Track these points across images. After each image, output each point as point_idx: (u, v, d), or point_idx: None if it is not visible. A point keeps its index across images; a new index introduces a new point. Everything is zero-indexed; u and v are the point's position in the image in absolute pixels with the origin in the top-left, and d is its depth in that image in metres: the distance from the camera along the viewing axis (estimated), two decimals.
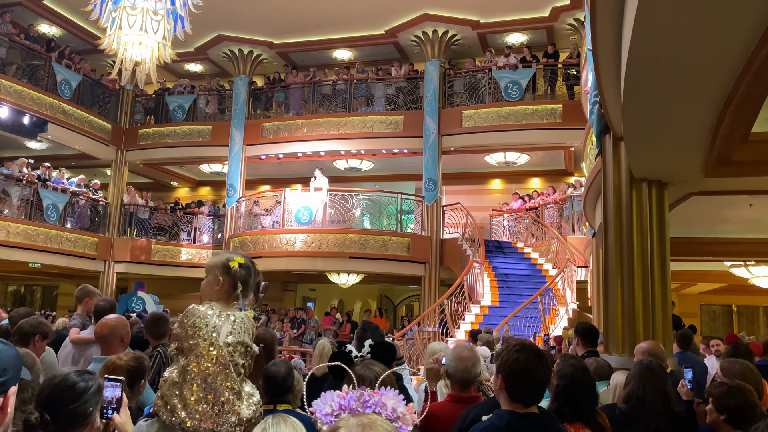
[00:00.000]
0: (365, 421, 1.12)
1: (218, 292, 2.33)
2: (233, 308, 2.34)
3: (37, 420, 1.74)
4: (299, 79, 16.41)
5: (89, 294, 5.17)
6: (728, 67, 3.23)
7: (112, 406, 1.96)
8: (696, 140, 4.37)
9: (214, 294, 2.34)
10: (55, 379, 1.83)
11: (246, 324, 2.30)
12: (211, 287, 2.35)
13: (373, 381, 1.96)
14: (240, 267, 2.35)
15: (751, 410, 2.81)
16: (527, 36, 15.28)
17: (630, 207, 5.31)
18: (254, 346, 2.32)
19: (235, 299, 2.35)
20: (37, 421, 1.74)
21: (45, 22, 15.76)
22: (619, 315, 5.19)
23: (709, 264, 11.67)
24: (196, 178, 20.04)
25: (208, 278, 2.37)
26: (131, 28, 9.41)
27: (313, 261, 14.10)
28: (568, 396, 2.72)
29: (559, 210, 14.37)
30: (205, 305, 2.29)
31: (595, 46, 3.94)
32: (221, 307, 2.30)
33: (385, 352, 2.29)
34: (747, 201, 6.86)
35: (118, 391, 2.00)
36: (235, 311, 2.32)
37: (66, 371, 1.88)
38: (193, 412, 2.15)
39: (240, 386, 2.22)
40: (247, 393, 2.26)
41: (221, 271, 2.34)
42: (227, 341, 2.22)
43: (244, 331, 2.27)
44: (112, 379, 2.01)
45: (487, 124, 14.21)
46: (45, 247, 14.34)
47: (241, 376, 2.25)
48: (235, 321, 2.27)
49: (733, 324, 17.32)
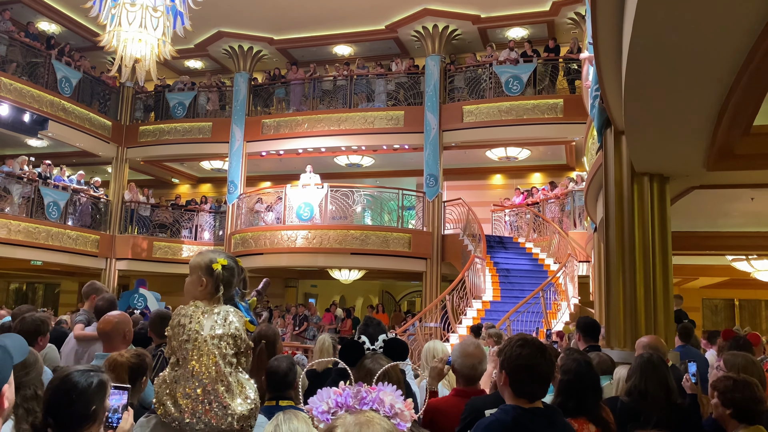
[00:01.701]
0: (362, 419, 1.11)
1: (201, 292, 2.36)
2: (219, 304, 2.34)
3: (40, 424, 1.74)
4: (299, 75, 16.38)
5: (96, 291, 5.15)
6: (730, 59, 3.21)
7: (117, 415, 1.96)
8: (697, 134, 4.36)
9: (198, 293, 2.36)
10: (55, 380, 1.83)
11: (232, 317, 2.30)
12: (194, 287, 2.38)
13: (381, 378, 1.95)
14: (223, 269, 2.36)
15: (757, 404, 2.81)
16: (528, 30, 15.23)
17: (631, 201, 5.30)
18: (244, 337, 2.30)
19: (217, 301, 2.36)
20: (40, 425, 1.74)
21: (44, 19, 15.73)
22: (621, 309, 5.19)
23: (711, 258, 11.66)
24: (197, 175, 20.04)
25: (192, 278, 2.39)
26: (131, 25, 9.39)
27: (314, 257, 14.10)
28: (572, 391, 2.72)
29: (560, 205, 14.35)
30: (190, 305, 2.31)
31: (596, 40, 3.92)
32: (205, 305, 2.32)
33: (398, 349, 2.30)
34: (749, 194, 6.84)
35: (124, 398, 2.00)
36: (222, 306, 2.33)
37: (68, 371, 1.87)
38: (184, 408, 2.16)
39: (232, 379, 2.22)
40: (240, 386, 2.25)
41: (204, 272, 2.36)
42: (212, 334, 2.23)
43: (229, 323, 2.28)
44: (118, 387, 2.01)
45: (488, 119, 14.18)
46: (46, 245, 14.35)
47: (234, 369, 2.25)
48: (219, 314, 2.28)
49: (735, 318, 17.32)
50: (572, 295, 11.76)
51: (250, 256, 14.54)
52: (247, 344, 2.33)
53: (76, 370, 1.87)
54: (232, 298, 2.44)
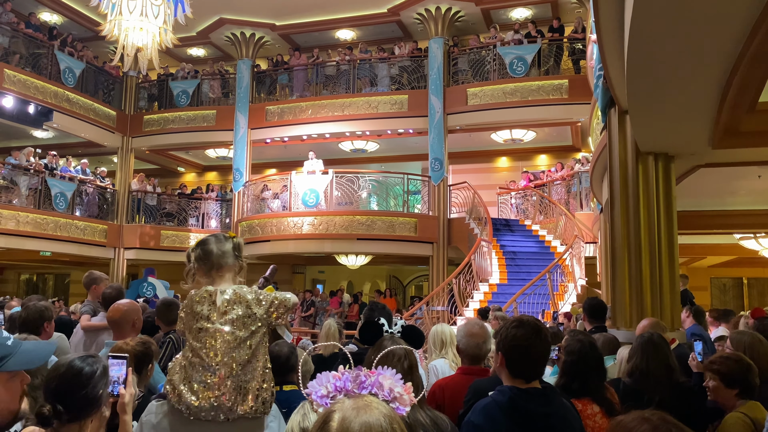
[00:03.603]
0: (360, 403, 1.11)
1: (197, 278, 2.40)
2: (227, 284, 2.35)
3: (50, 412, 1.76)
4: (302, 61, 16.31)
5: (95, 280, 5.19)
6: (734, 34, 3.17)
7: (117, 384, 2.00)
8: (702, 111, 4.32)
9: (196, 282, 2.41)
10: (60, 368, 1.85)
11: (243, 296, 2.30)
12: (189, 277, 2.43)
13: (402, 357, 2.04)
14: (193, 249, 2.42)
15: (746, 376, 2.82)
16: (531, 11, 15.07)
17: (636, 181, 5.27)
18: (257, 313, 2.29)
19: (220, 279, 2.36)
20: (50, 413, 1.76)
21: (46, 9, 15.70)
22: (627, 290, 5.18)
23: (719, 237, 11.62)
24: (203, 163, 20.06)
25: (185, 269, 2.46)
26: (132, 14, 9.37)
27: (320, 243, 14.12)
28: (575, 371, 2.73)
29: (566, 186, 14.30)
30: (202, 290, 2.33)
31: (598, 18, 3.88)
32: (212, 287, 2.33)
33: (414, 336, 2.36)
34: (756, 172, 6.79)
35: (123, 368, 2.03)
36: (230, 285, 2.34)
37: (69, 358, 1.89)
38: (199, 394, 2.17)
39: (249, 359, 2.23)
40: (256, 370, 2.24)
41: (188, 261, 2.43)
42: (224, 318, 2.24)
43: (237, 303, 2.28)
44: (115, 357, 2.04)
45: (492, 101, 14.08)
46: (55, 236, 14.44)
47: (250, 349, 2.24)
48: (225, 293, 2.29)
49: (744, 297, 17.27)
50: (579, 276, 11.75)
51: (257, 243, 14.58)
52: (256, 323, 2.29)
53: (76, 357, 1.89)
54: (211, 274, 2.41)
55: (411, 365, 2.08)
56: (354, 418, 1.06)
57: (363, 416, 1.06)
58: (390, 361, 1.99)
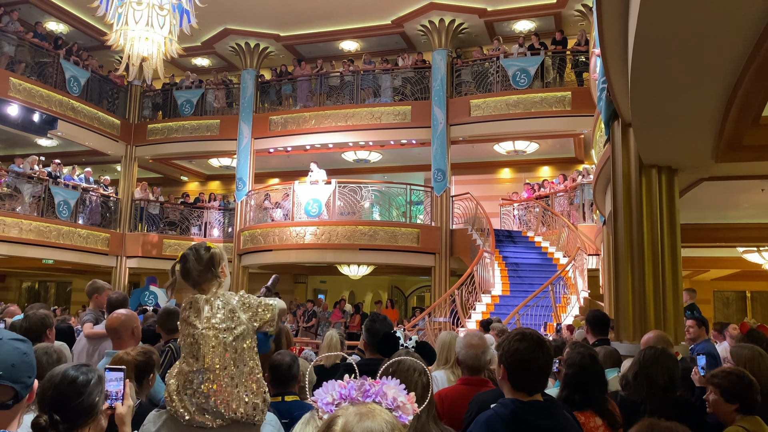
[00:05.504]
0: (364, 410, 1.13)
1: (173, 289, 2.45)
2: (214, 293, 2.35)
3: (46, 422, 1.75)
4: (306, 72, 16.39)
5: (98, 289, 5.21)
6: (738, 48, 3.18)
7: (113, 398, 1.99)
8: (705, 125, 4.32)
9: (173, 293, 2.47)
10: (55, 378, 1.84)
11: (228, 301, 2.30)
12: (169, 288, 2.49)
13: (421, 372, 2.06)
14: (176, 263, 2.44)
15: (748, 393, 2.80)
16: (535, 23, 15.15)
17: (639, 194, 5.27)
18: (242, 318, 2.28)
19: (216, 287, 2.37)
20: (47, 423, 1.75)
21: (52, 19, 15.83)
22: (630, 303, 5.16)
23: (722, 250, 11.58)
24: (206, 172, 20.12)
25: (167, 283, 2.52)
26: (137, 24, 9.42)
27: (323, 253, 14.12)
28: (577, 384, 2.72)
29: (569, 198, 14.29)
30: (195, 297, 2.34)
31: (602, 32, 3.89)
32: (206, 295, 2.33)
33: (427, 353, 2.39)
34: (759, 186, 6.79)
35: (120, 382, 2.02)
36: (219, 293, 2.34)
37: (63, 368, 1.88)
38: (196, 403, 2.17)
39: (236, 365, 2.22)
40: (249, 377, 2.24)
41: (170, 274, 2.47)
42: (217, 327, 2.24)
43: (222, 308, 2.28)
44: (113, 369, 2.03)
45: (495, 112, 14.12)
46: (57, 244, 14.47)
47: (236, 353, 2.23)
48: (214, 302, 2.30)
49: (747, 310, 17.20)
50: (582, 288, 11.71)
51: (260, 253, 14.58)
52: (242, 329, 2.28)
53: (71, 367, 1.88)
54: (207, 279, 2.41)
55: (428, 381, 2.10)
56: (357, 423, 1.09)
57: (366, 422, 1.09)
58: (411, 375, 2.02)
